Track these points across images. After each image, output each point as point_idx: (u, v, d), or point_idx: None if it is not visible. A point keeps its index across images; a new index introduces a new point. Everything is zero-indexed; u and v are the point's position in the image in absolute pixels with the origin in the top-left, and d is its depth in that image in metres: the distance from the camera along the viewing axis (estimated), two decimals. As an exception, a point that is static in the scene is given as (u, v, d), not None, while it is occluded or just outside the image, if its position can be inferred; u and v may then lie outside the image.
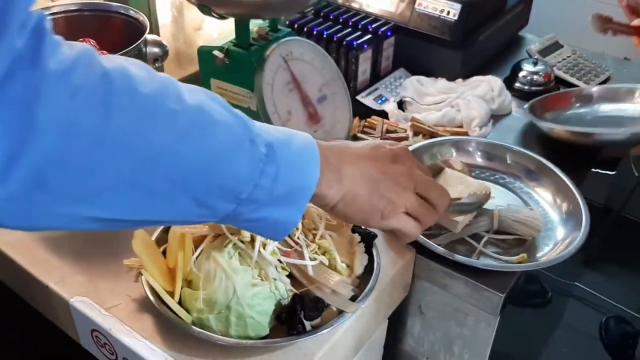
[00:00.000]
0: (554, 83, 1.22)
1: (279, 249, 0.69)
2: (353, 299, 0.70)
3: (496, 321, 0.83)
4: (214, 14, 0.86)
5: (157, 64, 0.90)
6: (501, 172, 0.98)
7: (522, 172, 0.97)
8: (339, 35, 1.15)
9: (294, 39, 0.99)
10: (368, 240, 0.76)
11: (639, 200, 1.74)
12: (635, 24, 0.91)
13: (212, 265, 0.66)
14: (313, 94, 1.00)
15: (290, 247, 0.70)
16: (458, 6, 1.17)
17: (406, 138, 1.05)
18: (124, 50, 0.85)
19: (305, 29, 1.17)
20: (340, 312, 0.68)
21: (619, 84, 1.20)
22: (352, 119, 1.05)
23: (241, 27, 0.93)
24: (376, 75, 1.21)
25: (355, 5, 1.27)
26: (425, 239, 0.80)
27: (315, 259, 0.69)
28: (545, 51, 1.31)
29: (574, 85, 1.23)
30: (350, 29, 1.17)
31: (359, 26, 1.18)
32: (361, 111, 1.15)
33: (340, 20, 1.20)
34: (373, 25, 1.17)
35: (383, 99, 1.17)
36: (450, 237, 0.82)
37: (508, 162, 0.98)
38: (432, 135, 1.06)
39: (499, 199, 0.92)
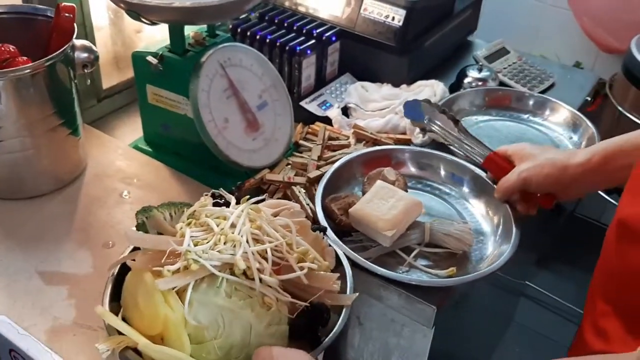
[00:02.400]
0: (498, 89, 1.23)
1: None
2: None
3: (432, 332, 0.82)
4: (143, 19, 0.83)
5: (86, 70, 0.87)
6: (436, 182, 0.98)
7: (456, 182, 0.97)
8: (282, 40, 1.13)
9: (232, 45, 0.97)
10: (324, 233, 0.75)
11: (590, 200, 1.77)
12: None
13: (214, 311, 0.60)
14: (252, 100, 0.98)
15: (278, 264, 0.66)
16: (403, 12, 1.16)
17: (348, 145, 1.04)
18: (50, 56, 0.82)
19: (248, 33, 1.14)
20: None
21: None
22: (293, 125, 1.04)
23: (175, 33, 0.91)
24: (321, 81, 1.19)
25: (301, 9, 1.26)
26: (353, 252, 0.79)
27: (303, 268, 0.65)
28: (492, 57, 1.32)
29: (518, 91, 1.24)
30: (294, 34, 1.16)
31: (304, 31, 1.16)
32: (305, 117, 1.13)
33: (285, 25, 1.18)
34: (318, 30, 1.16)
35: (327, 105, 1.15)
36: (381, 250, 0.81)
37: (442, 172, 0.98)
38: (375, 142, 1.05)
39: (433, 210, 0.92)
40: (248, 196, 0.72)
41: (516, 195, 0.87)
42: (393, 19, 1.17)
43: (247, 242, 0.64)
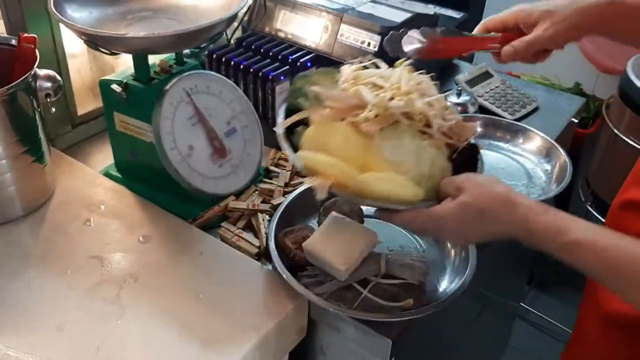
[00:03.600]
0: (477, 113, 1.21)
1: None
2: None
3: (391, 364, 0.80)
4: (101, 49, 0.83)
5: (49, 99, 0.88)
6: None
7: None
8: (256, 66, 1.13)
9: (199, 73, 0.97)
10: None
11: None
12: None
13: (404, 149, 0.70)
14: (220, 127, 0.98)
15: None
16: (378, 37, 1.16)
17: (317, 172, 1.03)
18: (10, 85, 0.83)
19: (223, 59, 1.15)
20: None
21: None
22: (263, 151, 1.03)
23: (139, 61, 0.91)
24: (297, 106, 1.19)
25: (281, 34, 1.26)
26: (306, 290, 0.77)
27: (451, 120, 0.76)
28: (474, 81, 1.31)
29: (498, 116, 1.22)
30: (269, 60, 1.15)
31: (279, 57, 1.16)
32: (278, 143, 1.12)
33: (262, 51, 1.18)
34: (293, 56, 1.15)
35: (302, 130, 1.14)
36: (337, 284, 0.79)
37: None
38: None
39: (389, 238, 0.89)
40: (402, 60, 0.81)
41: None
42: (369, 44, 1.16)
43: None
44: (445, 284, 0.83)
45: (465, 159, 0.75)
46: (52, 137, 1.08)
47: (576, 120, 1.33)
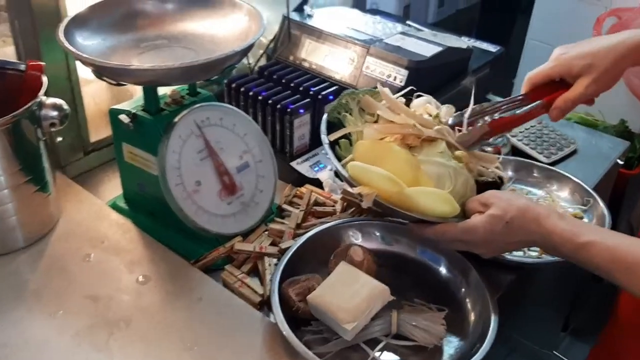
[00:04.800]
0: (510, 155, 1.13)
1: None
2: None
3: None
4: (106, 79, 0.80)
5: (53, 129, 0.84)
6: (408, 257, 0.89)
7: (431, 257, 0.88)
8: (275, 97, 1.08)
9: (211, 105, 0.92)
10: None
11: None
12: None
13: (445, 170, 0.78)
14: (232, 162, 0.93)
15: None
16: (405, 72, 1.10)
17: (332, 213, 0.97)
18: (14, 113, 0.80)
19: (242, 89, 1.11)
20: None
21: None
22: (277, 188, 0.98)
23: (148, 92, 0.87)
24: (317, 141, 1.13)
25: (305, 64, 1.21)
26: (307, 350, 0.70)
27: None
28: (509, 119, 1.22)
29: (532, 158, 1.14)
30: (290, 91, 1.11)
31: (301, 88, 1.11)
32: (296, 179, 1.07)
33: (283, 81, 1.13)
34: (315, 89, 1.10)
35: (321, 165, 1.09)
36: (343, 344, 0.73)
37: (417, 249, 0.88)
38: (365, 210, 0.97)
39: (405, 291, 0.82)
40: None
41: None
42: (395, 78, 1.11)
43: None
44: (463, 349, 0.74)
45: (489, 188, 0.81)
46: (63, 165, 1.05)
47: (621, 162, 1.23)
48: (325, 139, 0.85)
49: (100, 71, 0.79)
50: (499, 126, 0.85)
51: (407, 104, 0.89)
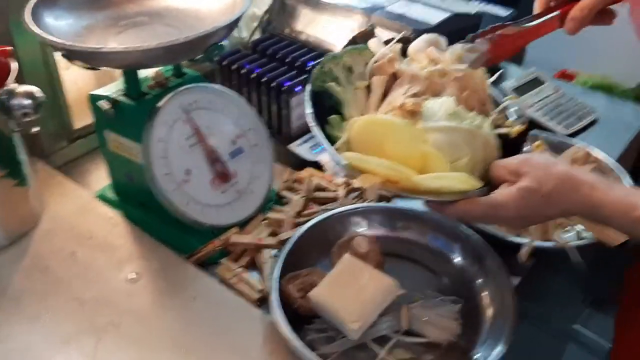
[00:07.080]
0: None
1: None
2: None
3: None
4: (77, 63, 0.72)
5: (26, 118, 0.77)
6: (418, 245, 0.82)
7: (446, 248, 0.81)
8: (270, 74, 1.00)
9: (199, 86, 0.85)
10: None
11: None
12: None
13: (452, 133, 0.66)
14: (224, 147, 0.86)
15: None
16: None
17: (334, 199, 0.90)
18: (-20, 104, 0.73)
19: (233, 67, 1.03)
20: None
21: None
22: (274, 174, 0.91)
23: (128, 75, 0.80)
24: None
25: (302, 36, 1.13)
26: (306, 348, 0.64)
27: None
28: (523, 89, 1.14)
29: (549, 130, 1.06)
30: (285, 67, 1.03)
31: (297, 64, 1.03)
32: (296, 162, 1.00)
33: (278, 57, 1.05)
34: (312, 63, 1.02)
35: (321, 147, 1.01)
36: (349, 343, 0.66)
37: (429, 234, 0.82)
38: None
39: (415, 282, 0.76)
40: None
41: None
42: (399, 49, 1.02)
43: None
44: (479, 345, 0.68)
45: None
46: (47, 154, 0.99)
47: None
48: (311, 118, 0.71)
49: (70, 55, 0.71)
50: (510, 40, 0.76)
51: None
